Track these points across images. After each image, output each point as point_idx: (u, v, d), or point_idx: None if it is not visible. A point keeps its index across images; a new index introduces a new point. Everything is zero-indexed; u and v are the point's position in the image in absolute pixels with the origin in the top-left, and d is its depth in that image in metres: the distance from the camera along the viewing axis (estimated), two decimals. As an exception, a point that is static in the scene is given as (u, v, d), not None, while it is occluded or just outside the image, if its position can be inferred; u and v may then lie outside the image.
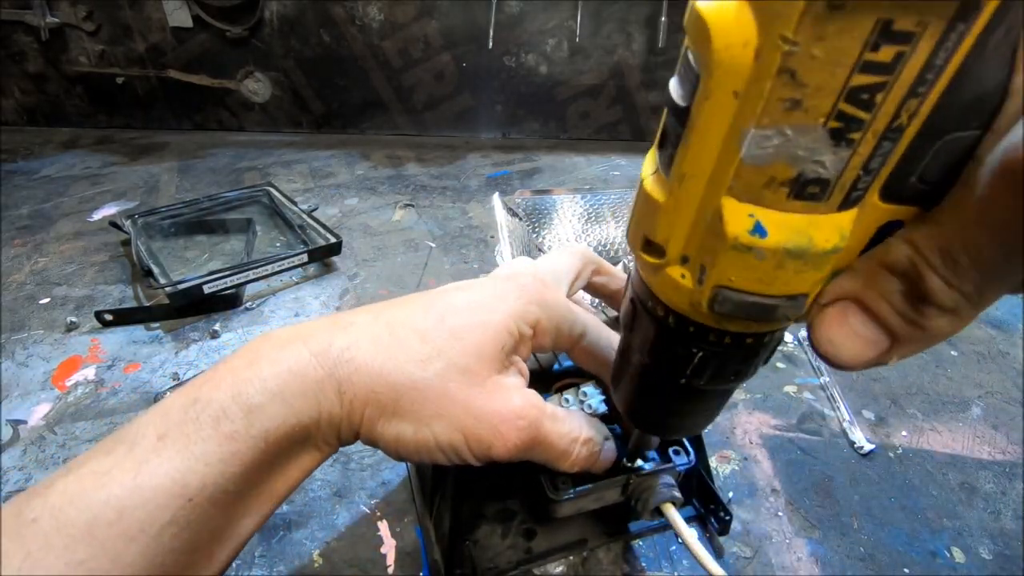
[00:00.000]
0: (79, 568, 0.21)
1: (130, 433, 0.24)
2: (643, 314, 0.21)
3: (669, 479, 0.31)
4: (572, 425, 0.29)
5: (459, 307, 0.28)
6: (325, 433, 0.27)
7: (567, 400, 0.31)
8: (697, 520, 0.41)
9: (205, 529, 0.24)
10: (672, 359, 0.21)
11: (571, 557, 0.38)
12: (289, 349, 0.27)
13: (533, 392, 0.29)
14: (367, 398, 0.27)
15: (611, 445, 0.30)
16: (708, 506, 0.39)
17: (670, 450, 0.32)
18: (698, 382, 0.21)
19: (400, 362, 0.27)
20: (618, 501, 0.32)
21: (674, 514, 0.30)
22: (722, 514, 0.37)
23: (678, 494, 0.30)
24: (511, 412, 0.27)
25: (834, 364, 0.18)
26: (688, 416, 0.25)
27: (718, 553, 0.40)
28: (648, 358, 0.22)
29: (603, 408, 0.30)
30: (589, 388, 0.31)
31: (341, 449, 0.47)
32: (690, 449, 0.31)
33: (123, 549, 0.21)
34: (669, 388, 0.23)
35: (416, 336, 0.28)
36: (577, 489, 0.30)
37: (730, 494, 0.45)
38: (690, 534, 0.29)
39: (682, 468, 0.31)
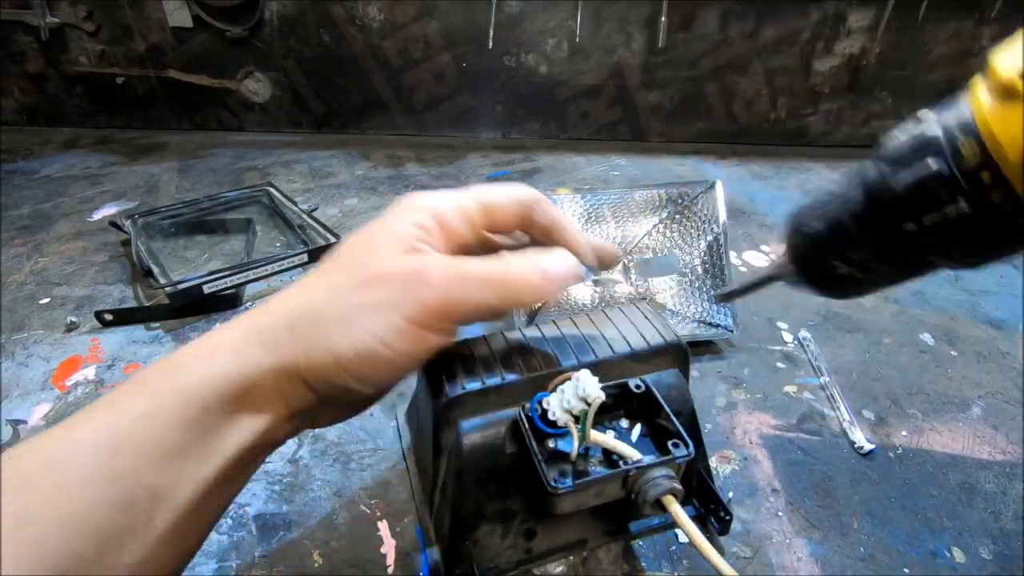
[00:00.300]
0: (19, 515, 0.21)
1: None
2: (941, 156, 0.20)
3: (669, 471, 0.31)
4: (497, 264, 0.30)
5: (372, 226, 0.30)
6: (263, 389, 0.27)
7: (563, 391, 0.30)
8: (697, 520, 0.40)
9: (138, 484, 0.23)
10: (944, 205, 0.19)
11: (571, 557, 0.38)
12: (227, 330, 0.28)
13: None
14: (288, 334, 0.27)
15: (556, 252, 0.31)
16: (708, 506, 0.39)
17: (669, 443, 0.31)
18: (948, 246, 0.20)
19: (310, 288, 0.28)
20: (619, 496, 0.31)
21: (675, 506, 0.30)
22: (722, 513, 0.37)
23: (679, 486, 0.30)
24: (429, 259, 0.28)
25: None
26: (885, 274, 0.24)
27: (719, 553, 0.40)
28: (917, 197, 0.21)
29: (598, 393, 0.29)
30: (583, 374, 0.30)
31: (341, 449, 0.47)
32: (688, 441, 0.31)
33: (57, 498, 0.22)
34: (901, 233, 0.22)
35: (317, 272, 0.29)
36: (577, 482, 0.30)
37: (730, 494, 0.45)
38: (692, 526, 0.29)
39: (681, 460, 0.31)
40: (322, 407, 0.29)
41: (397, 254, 0.28)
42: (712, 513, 0.38)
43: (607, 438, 0.31)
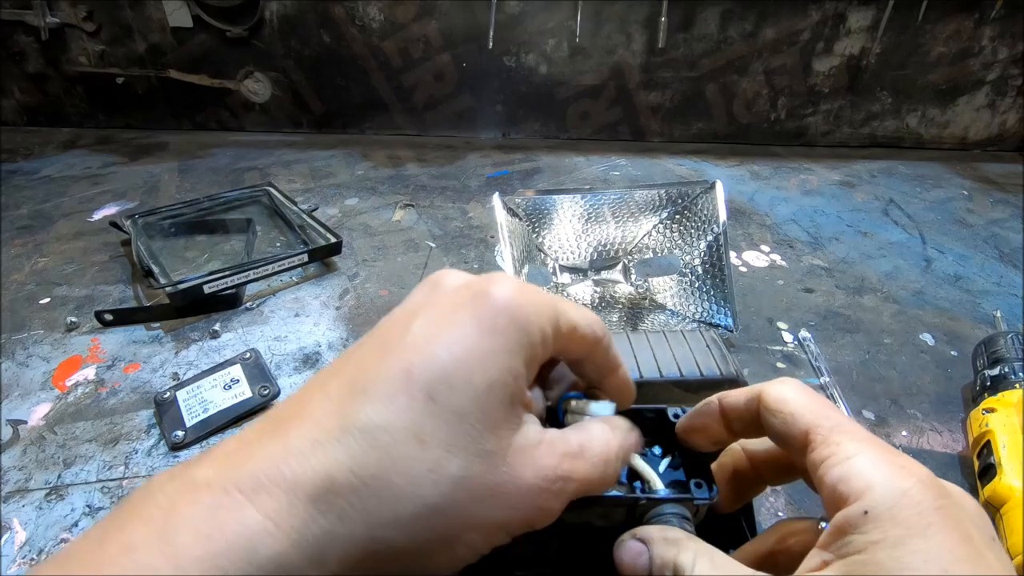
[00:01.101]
0: None
1: None
2: None
3: (683, 511, 0.29)
4: (597, 445, 0.23)
5: (445, 365, 0.19)
6: None
7: (575, 409, 0.29)
8: None
9: None
10: None
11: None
12: (221, 511, 0.17)
13: (550, 432, 0.22)
14: (365, 552, 0.18)
15: (634, 436, 0.25)
16: None
17: (691, 481, 0.30)
18: None
19: (403, 483, 0.18)
20: (625, 523, 0.30)
21: None
22: None
23: (690, 528, 0.29)
24: (545, 479, 0.20)
25: None
26: None
27: None
28: None
29: (608, 411, 0.28)
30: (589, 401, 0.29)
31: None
32: (714, 485, 0.30)
33: None
34: None
35: (407, 433, 0.18)
36: (580, 498, 0.29)
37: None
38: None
39: (700, 502, 0.29)
40: None
41: (508, 441, 0.20)
42: None
43: (633, 457, 0.30)
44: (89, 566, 0.16)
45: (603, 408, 0.27)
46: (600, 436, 0.23)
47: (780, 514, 0.44)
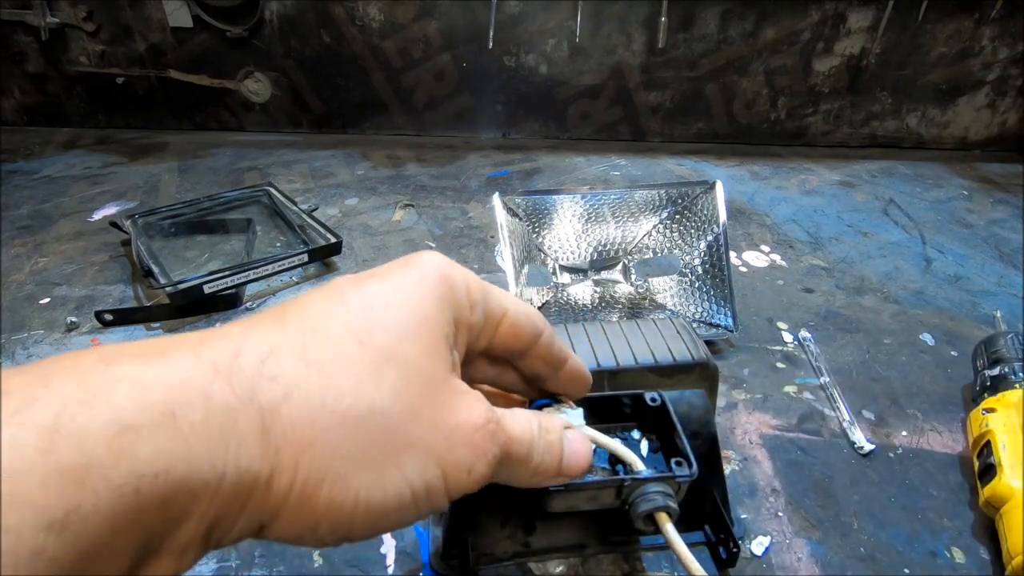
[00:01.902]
0: None
1: None
2: None
3: (667, 489, 0.30)
4: (522, 413, 0.24)
5: (384, 292, 0.21)
6: (209, 513, 0.16)
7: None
8: (707, 547, 0.40)
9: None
10: None
11: (570, 558, 0.38)
12: (168, 357, 0.17)
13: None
14: (304, 442, 0.17)
15: (575, 434, 0.26)
16: (718, 535, 0.38)
17: (672, 460, 0.31)
18: None
19: (343, 380, 0.18)
20: (614, 505, 0.31)
21: (668, 525, 0.29)
22: (731, 545, 0.37)
23: (673, 504, 0.30)
24: (481, 418, 0.21)
25: None
26: None
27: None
28: None
29: (578, 419, 0.27)
30: (573, 413, 0.29)
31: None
32: (693, 461, 0.31)
33: None
34: None
35: (350, 337, 0.19)
36: (570, 483, 0.29)
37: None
38: (683, 548, 0.29)
39: (682, 480, 0.30)
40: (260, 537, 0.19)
41: (447, 375, 0.21)
42: (722, 543, 0.38)
43: (612, 442, 0.31)
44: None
45: (574, 417, 0.28)
46: (527, 412, 0.25)
47: (780, 514, 0.44)
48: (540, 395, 0.29)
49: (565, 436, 0.25)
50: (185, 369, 0.16)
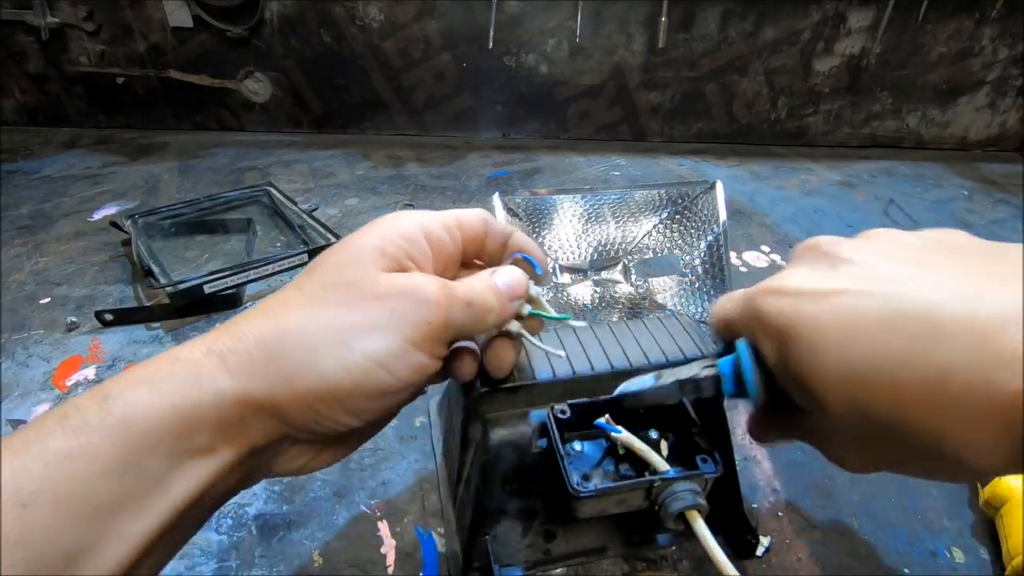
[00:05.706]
0: None
1: None
2: None
3: (695, 486, 0.30)
4: (482, 272, 0.29)
5: (333, 249, 0.27)
6: (220, 423, 0.22)
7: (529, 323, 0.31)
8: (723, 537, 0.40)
9: (51, 548, 0.19)
10: None
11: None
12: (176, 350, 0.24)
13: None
14: (264, 359, 0.23)
15: (502, 268, 0.30)
16: (736, 528, 0.38)
17: (697, 457, 0.31)
18: None
19: (289, 308, 0.24)
20: (642, 507, 0.31)
21: (699, 522, 0.29)
22: (749, 536, 0.36)
23: (704, 502, 0.30)
24: (424, 278, 0.25)
25: None
26: None
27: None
28: None
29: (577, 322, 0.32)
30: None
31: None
32: (718, 458, 0.31)
33: None
34: None
35: (292, 290, 0.26)
36: (600, 487, 0.30)
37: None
38: (715, 545, 0.29)
39: (709, 476, 0.30)
40: (286, 447, 0.26)
41: (390, 271, 0.25)
42: (739, 536, 0.37)
43: (637, 442, 0.31)
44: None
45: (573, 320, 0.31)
46: (482, 273, 0.29)
47: (780, 514, 0.44)
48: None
49: (495, 272, 0.29)
50: (175, 350, 0.24)
